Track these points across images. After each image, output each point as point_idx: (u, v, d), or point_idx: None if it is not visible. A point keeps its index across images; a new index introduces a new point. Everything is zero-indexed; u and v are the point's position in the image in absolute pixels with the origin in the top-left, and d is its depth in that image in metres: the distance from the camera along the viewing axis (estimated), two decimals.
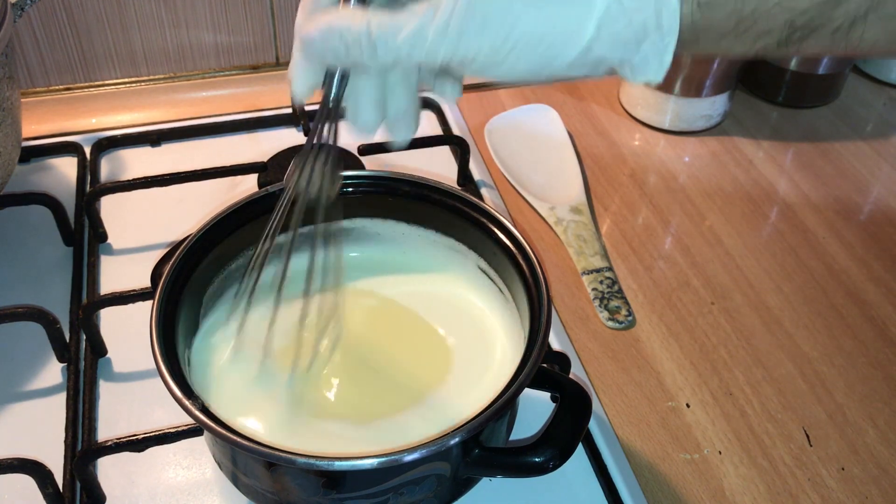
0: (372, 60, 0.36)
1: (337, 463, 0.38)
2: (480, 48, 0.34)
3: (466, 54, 0.35)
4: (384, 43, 0.35)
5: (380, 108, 0.40)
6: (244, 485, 0.45)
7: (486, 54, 0.35)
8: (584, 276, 0.64)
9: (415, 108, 0.40)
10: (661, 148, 0.78)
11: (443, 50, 0.35)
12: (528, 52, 0.34)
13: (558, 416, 0.43)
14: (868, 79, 0.88)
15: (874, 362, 0.59)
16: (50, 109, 0.78)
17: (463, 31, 0.34)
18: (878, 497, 0.51)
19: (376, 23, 0.35)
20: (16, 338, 0.56)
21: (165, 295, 0.45)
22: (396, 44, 0.35)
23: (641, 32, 0.34)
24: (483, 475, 0.45)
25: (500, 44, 0.34)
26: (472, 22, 0.34)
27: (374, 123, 0.40)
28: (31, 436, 0.51)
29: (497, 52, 0.34)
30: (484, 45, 0.34)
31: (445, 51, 0.35)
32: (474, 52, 0.34)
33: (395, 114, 0.40)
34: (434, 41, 0.34)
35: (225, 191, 0.68)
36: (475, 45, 0.34)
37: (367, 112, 0.40)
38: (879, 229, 0.70)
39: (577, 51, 0.34)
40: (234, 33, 0.80)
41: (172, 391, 0.40)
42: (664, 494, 0.51)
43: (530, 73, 0.36)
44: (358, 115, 0.40)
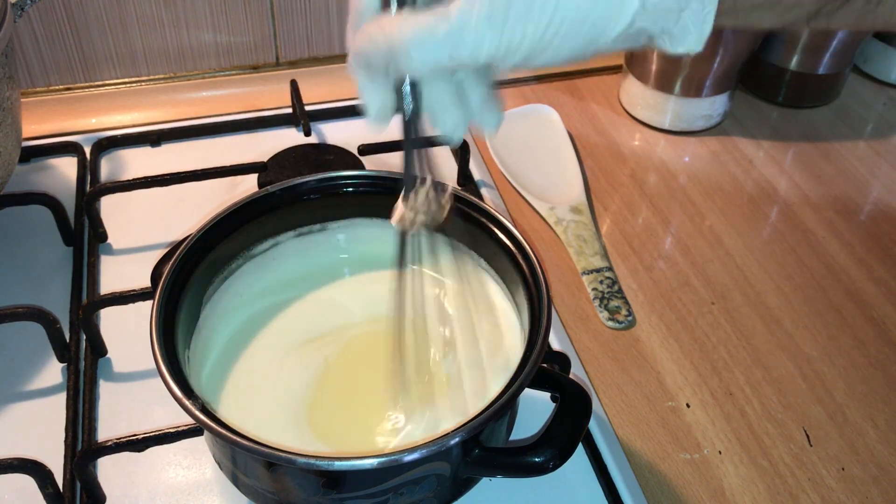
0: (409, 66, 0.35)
1: (337, 463, 0.38)
2: (525, 36, 0.33)
3: (511, 44, 0.33)
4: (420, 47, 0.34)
5: (459, 106, 0.38)
6: (244, 485, 0.45)
7: (530, 42, 0.33)
8: (584, 276, 0.64)
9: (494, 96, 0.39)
10: (661, 148, 0.78)
11: (487, 43, 0.33)
12: (573, 34, 0.33)
13: (558, 417, 0.43)
14: (868, 79, 0.88)
15: (874, 362, 0.59)
16: (50, 109, 0.78)
17: (506, 20, 0.33)
18: (878, 497, 0.51)
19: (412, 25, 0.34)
20: (16, 338, 0.56)
21: (165, 295, 0.45)
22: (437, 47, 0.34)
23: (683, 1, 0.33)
24: (483, 475, 0.45)
25: (544, 29, 0.33)
26: (516, 9, 0.33)
27: (460, 122, 0.39)
28: (31, 436, 0.51)
29: (542, 38, 0.33)
30: (528, 31, 0.33)
31: (489, 44, 0.33)
32: (518, 40, 0.33)
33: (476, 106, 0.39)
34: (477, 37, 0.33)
35: (225, 191, 0.68)
36: (519, 32, 0.33)
37: (448, 113, 0.38)
38: (879, 229, 0.70)
39: (621, 27, 0.34)
40: (234, 33, 0.80)
41: (172, 391, 0.40)
42: (664, 494, 0.51)
43: (574, 54, 0.35)
44: (440, 119, 0.38)
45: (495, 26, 0.33)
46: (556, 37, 0.33)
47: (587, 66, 0.87)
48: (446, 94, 0.38)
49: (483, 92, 0.38)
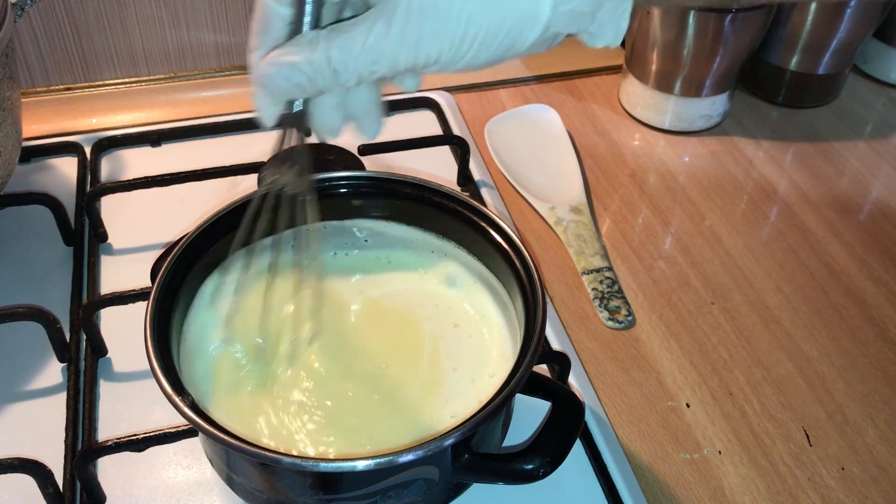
0: (335, 85, 0.36)
1: (322, 464, 0.38)
2: (440, 50, 0.34)
3: (428, 58, 0.34)
4: (345, 66, 0.35)
5: (341, 112, 0.40)
6: (235, 483, 0.45)
7: (446, 54, 0.34)
8: (584, 276, 0.64)
9: (377, 103, 0.40)
10: (661, 148, 0.78)
11: (403, 59, 0.34)
12: (488, 45, 0.34)
13: (550, 423, 0.42)
14: (868, 79, 0.88)
15: (874, 362, 0.59)
16: (50, 109, 0.78)
17: (420, 37, 0.34)
18: (878, 497, 0.51)
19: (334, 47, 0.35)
20: (16, 338, 0.56)
21: (161, 292, 0.45)
22: (357, 64, 0.35)
23: (596, 3, 0.34)
24: (473, 481, 0.45)
25: (459, 42, 0.34)
26: (428, 26, 0.33)
27: (336, 127, 0.41)
28: (32, 436, 0.51)
29: (457, 51, 0.34)
30: (444, 46, 0.34)
31: (406, 59, 0.34)
32: (435, 54, 0.34)
33: (357, 113, 0.40)
34: (393, 53, 0.34)
35: (225, 191, 0.68)
36: (435, 47, 0.34)
37: (329, 117, 0.40)
38: (879, 229, 0.70)
39: (535, 34, 0.34)
40: (234, 33, 0.80)
41: (163, 386, 0.40)
42: (664, 494, 0.51)
43: (491, 61, 0.35)
44: (320, 121, 0.40)
45: (409, 44, 0.34)
46: (471, 49, 0.34)
47: (587, 66, 0.87)
48: (332, 98, 0.39)
49: (367, 99, 0.40)
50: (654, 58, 0.76)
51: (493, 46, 0.34)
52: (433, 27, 0.33)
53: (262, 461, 0.39)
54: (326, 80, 0.36)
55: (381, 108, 0.41)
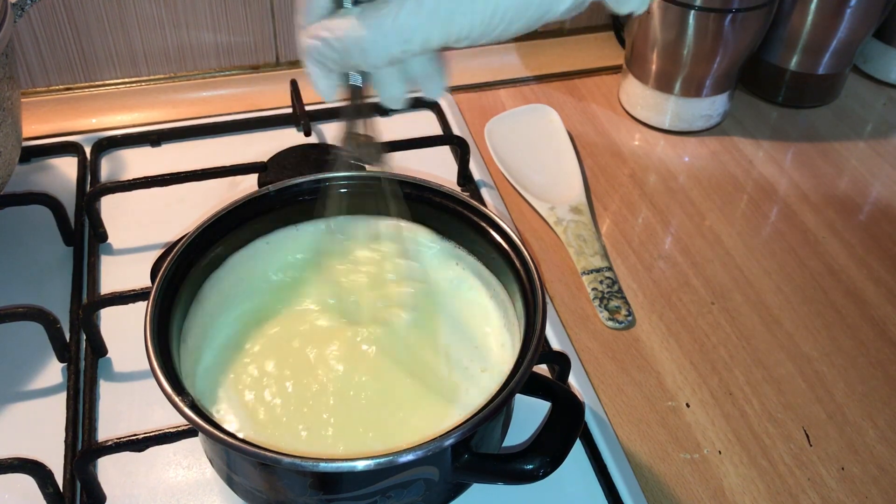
0: (367, 62, 0.36)
1: (322, 464, 0.38)
2: (472, 24, 0.34)
3: (461, 32, 0.34)
4: (374, 45, 0.35)
5: (403, 79, 0.40)
6: (235, 483, 0.45)
7: (478, 28, 0.34)
8: (584, 276, 0.64)
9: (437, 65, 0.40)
10: (661, 148, 0.78)
11: (436, 35, 0.34)
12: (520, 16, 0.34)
13: (550, 424, 0.42)
14: (868, 79, 0.88)
15: (874, 362, 0.59)
16: (50, 109, 0.78)
17: (453, 12, 0.33)
18: (878, 497, 0.51)
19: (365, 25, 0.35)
20: (16, 338, 0.56)
21: (161, 292, 0.45)
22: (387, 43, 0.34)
23: None
24: (472, 481, 0.45)
25: (491, 16, 0.34)
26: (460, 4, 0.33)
27: (400, 95, 0.41)
28: (32, 436, 0.51)
29: (489, 24, 0.34)
30: (475, 19, 0.34)
31: (438, 35, 0.34)
32: (467, 28, 0.34)
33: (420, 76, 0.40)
34: (426, 30, 0.34)
35: (225, 191, 0.68)
36: (467, 21, 0.34)
37: (392, 87, 0.40)
38: (879, 229, 0.70)
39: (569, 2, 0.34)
40: (234, 33, 0.80)
41: (162, 386, 0.40)
42: (664, 494, 0.51)
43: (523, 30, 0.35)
44: (383, 90, 0.40)
45: (441, 19, 0.34)
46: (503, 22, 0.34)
47: (587, 66, 0.87)
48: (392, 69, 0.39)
49: (426, 61, 0.40)
50: (654, 58, 0.76)
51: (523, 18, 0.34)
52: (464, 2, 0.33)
53: (262, 461, 0.39)
54: (355, 58, 0.36)
55: (443, 68, 0.40)
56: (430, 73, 0.40)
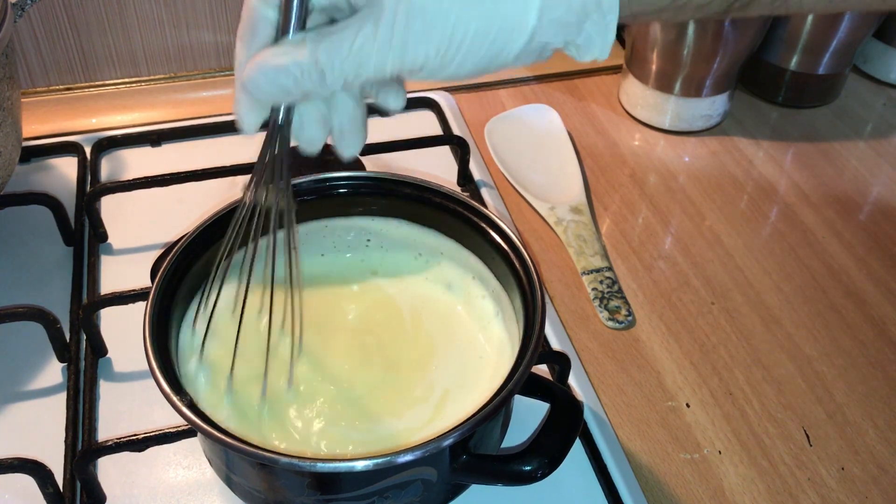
0: (321, 88, 0.36)
1: (319, 464, 0.38)
2: (427, 55, 0.34)
3: (414, 63, 0.34)
4: (331, 68, 0.35)
5: (324, 125, 0.40)
6: (234, 483, 0.45)
7: (433, 60, 0.34)
8: (584, 276, 0.64)
9: (361, 119, 0.40)
10: (661, 148, 0.78)
11: (390, 63, 0.34)
12: (475, 51, 0.34)
13: (548, 425, 0.42)
14: (868, 79, 0.88)
15: (874, 362, 0.59)
16: (50, 109, 0.78)
17: (407, 41, 0.34)
18: (878, 497, 0.51)
19: (322, 49, 0.35)
20: (16, 338, 0.56)
21: (161, 291, 0.45)
22: (343, 67, 0.35)
23: (582, 14, 0.34)
24: (471, 482, 0.45)
25: (446, 47, 0.34)
26: (415, 30, 0.33)
27: (319, 140, 0.40)
28: (32, 436, 0.51)
29: (444, 56, 0.34)
30: (430, 50, 0.34)
31: (392, 63, 0.34)
32: (422, 59, 0.34)
33: (340, 127, 0.40)
34: (380, 56, 0.34)
35: (225, 191, 0.68)
36: (422, 52, 0.34)
37: (312, 130, 0.40)
38: (879, 229, 0.70)
39: (522, 42, 0.34)
40: (234, 33, 0.80)
41: (161, 386, 0.40)
42: (664, 494, 0.51)
43: (478, 70, 0.35)
44: (303, 133, 0.40)
45: (396, 47, 0.34)
46: (458, 54, 0.34)
47: (587, 66, 0.87)
48: (316, 111, 0.39)
49: (352, 113, 0.39)
50: (654, 58, 0.76)
51: (479, 53, 0.34)
52: (420, 31, 0.33)
53: (260, 461, 0.39)
54: (313, 82, 0.35)
55: (364, 125, 0.40)
56: (351, 129, 0.40)
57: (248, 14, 0.38)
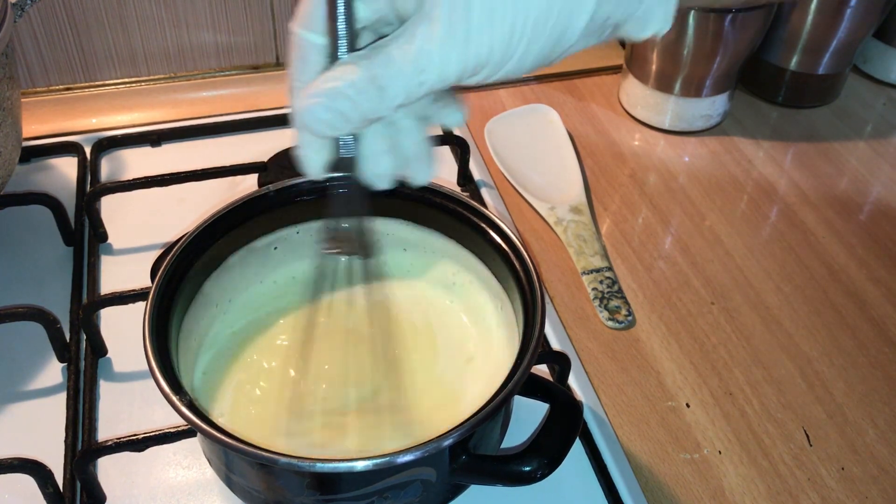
0: (381, 106, 0.33)
1: (318, 465, 0.38)
2: (491, 46, 0.32)
3: (478, 58, 0.32)
4: (391, 82, 0.32)
5: (392, 154, 0.37)
6: (234, 483, 0.45)
7: (497, 52, 0.32)
8: (584, 276, 0.64)
9: (428, 144, 0.38)
10: (661, 148, 0.78)
11: (454, 62, 0.32)
12: (539, 34, 0.32)
13: (548, 425, 0.42)
14: (868, 79, 0.88)
15: (874, 362, 0.59)
16: (50, 109, 0.78)
17: (469, 33, 0.31)
18: (878, 497, 0.51)
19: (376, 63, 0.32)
20: (16, 338, 0.56)
21: (160, 291, 0.45)
22: (404, 77, 0.32)
23: None
24: (470, 482, 0.45)
25: (510, 33, 0.32)
26: (475, 19, 0.31)
27: (389, 172, 0.38)
28: (32, 436, 0.51)
29: (508, 44, 0.32)
30: (494, 40, 0.32)
31: (456, 62, 0.32)
32: (486, 53, 0.32)
33: (411, 155, 0.38)
34: (442, 55, 0.32)
35: (225, 191, 0.68)
36: (485, 43, 0.32)
37: (380, 162, 0.37)
38: (879, 229, 0.70)
39: (586, 17, 0.32)
40: (234, 33, 0.80)
41: (161, 386, 0.40)
42: (664, 494, 0.51)
43: (542, 58, 0.33)
44: (372, 167, 0.37)
45: (458, 42, 0.32)
46: (522, 40, 0.32)
47: (587, 66, 0.87)
48: (382, 141, 0.37)
49: (417, 141, 0.37)
50: (654, 58, 0.76)
51: (543, 36, 0.32)
52: (481, 19, 0.31)
53: (259, 461, 0.39)
54: (372, 100, 0.33)
55: (432, 150, 0.38)
56: (419, 154, 0.38)
57: (295, 45, 0.35)
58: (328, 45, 0.35)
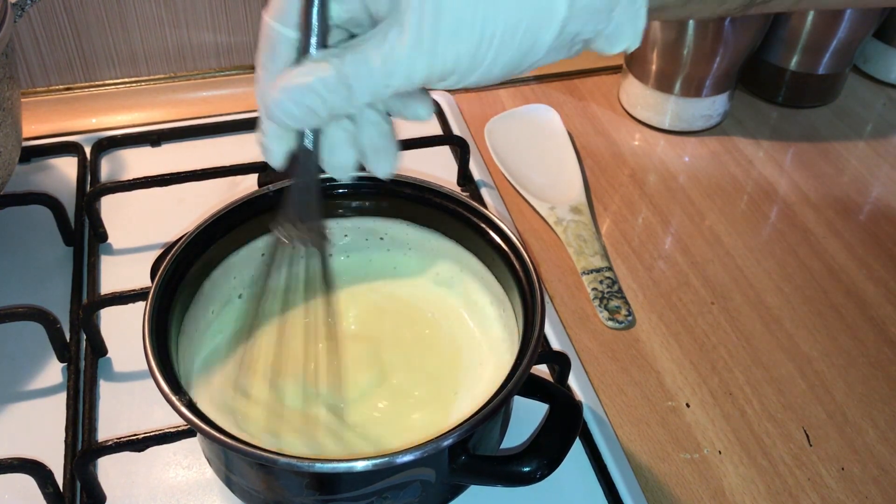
0: (349, 105, 0.34)
1: (318, 465, 0.38)
2: (458, 55, 0.32)
3: (444, 66, 0.33)
4: (359, 82, 0.33)
5: (354, 146, 0.38)
6: (233, 483, 0.45)
7: (464, 61, 0.33)
8: (584, 276, 0.64)
9: (391, 134, 0.38)
10: (661, 148, 0.78)
11: (420, 69, 0.33)
12: (506, 46, 0.33)
13: (547, 426, 0.42)
14: (868, 79, 0.88)
15: (874, 362, 0.59)
16: (50, 109, 0.78)
17: (437, 42, 0.32)
18: (878, 497, 0.51)
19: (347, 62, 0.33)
20: (16, 338, 0.56)
21: (160, 291, 0.45)
22: (371, 78, 0.33)
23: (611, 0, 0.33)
24: (469, 482, 0.45)
25: (477, 45, 0.32)
26: (444, 29, 0.32)
27: (350, 164, 0.38)
28: (32, 436, 0.51)
29: (475, 55, 0.33)
30: (461, 50, 0.32)
31: (423, 69, 0.33)
32: (452, 61, 0.33)
33: (372, 145, 0.38)
34: (409, 62, 0.32)
35: (225, 191, 0.68)
36: (452, 53, 0.32)
37: (342, 153, 0.38)
38: (879, 229, 0.70)
39: (553, 33, 0.33)
40: (234, 33, 0.80)
41: (160, 386, 0.40)
42: (664, 494, 0.51)
43: (509, 68, 0.34)
44: (333, 158, 0.38)
45: (426, 50, 0.32)
46: (489, 52, 0.33)
47: (587, 66, 0.87)
48: (344, 133, 0.37)
49: (379, 131, 0.38)
50: (654, 58, 0.76)
51: (511, 49, 0.33)
52: (449, 29, 0.32)
53: (258, 461, 0.39)
54: (341, 98, 0.34)
55: (395, 143, 0.38)
56: (382, 145, 0.38)
57: (266, 35, 0.36)
58: (299, 40, 0.35)
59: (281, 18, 0.35)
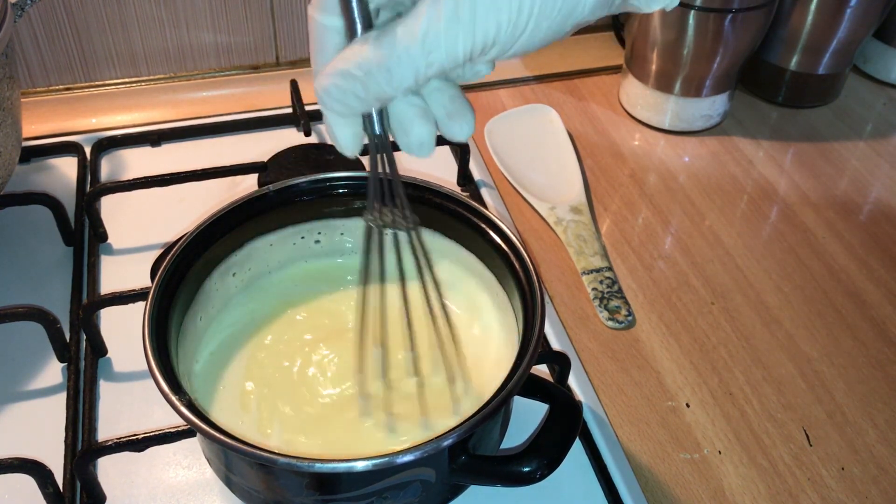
0: (392, 85, 0.33)
1: (317, 465, 0.38)
2: (499, 24, 0.31)
3: (486, 37, 0.31)
4: (398, 62, 0.32)
5: (428, 118, 0.36)
6: (233, 483, 0.45)
7: (504, 30, 0.31)
8: (584, 276, 0.64)
9: (461, 96, 0.36)
10: (661, 148, 0.78)
11: (460, 42, 0.31)
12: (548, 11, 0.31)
13: (547, 426, 0.42)
14: (868, 79, 0.88)
15: (874, 362, 0.59)
16: (50, 109, 0.78)
17: (475, 12, 0.30)
18: (878, 497, 0.51)
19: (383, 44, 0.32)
20: (16, 338, 0.56)
21: (160, 291, 0.45)
22: (410, 57, 0.32)
23: None
24: (469, 482, 0.45)
25: (517, 12, 0.31)
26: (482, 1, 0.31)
27: (427, 138, 0.36)
28: (32, 436, 0.51)
29: (516, 23, 0.31)
30: (502, 18, 0.31)
31: (464, 42, 0.31)
32: (493, 31, 0.31)
33: (447, 114, 0.36)
34: (449, 36, 0.31)
35: (225, 191, 0.68)
36: (493, 22, 0.31)
37: (418, 130, 0.36)
38: (879, 229, 0.70)
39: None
40: (234, 33, 0.80)
41: (160, 386, 0.40)
42: (664, 494, 0.51)
43: (552, 33, 0.32)
44: (409, 135, 0.36)
45: (465, 22, 0.31)
46: (531, 19, 0.31)
47: (587, 66, 0.87)
48: (413, 108, 0.36)
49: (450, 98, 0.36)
50: (654, 58, 0.76)
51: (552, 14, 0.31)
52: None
53: (258, 461, 0.39)
54: (380, 82, 0.33)
55: (467, 103, 0.36)
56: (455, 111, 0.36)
57: (312, 27, 0.35)
58: (344, 27, 0.35)
59: (322, 7, 0.35)
